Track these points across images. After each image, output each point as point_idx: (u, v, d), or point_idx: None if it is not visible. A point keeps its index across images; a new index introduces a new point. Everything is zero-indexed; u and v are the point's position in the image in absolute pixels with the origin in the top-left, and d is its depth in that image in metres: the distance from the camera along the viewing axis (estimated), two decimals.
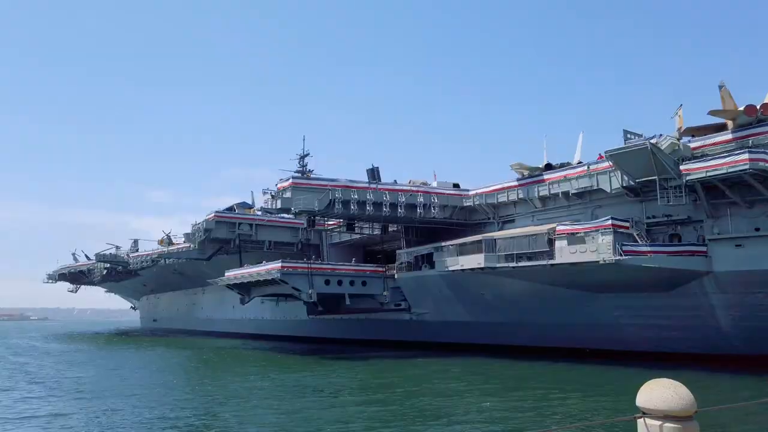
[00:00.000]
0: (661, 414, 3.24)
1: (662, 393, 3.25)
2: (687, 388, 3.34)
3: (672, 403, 3.20)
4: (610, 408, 17.91)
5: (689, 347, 28.85)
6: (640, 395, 3.40)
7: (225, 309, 63.05)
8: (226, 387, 23.37)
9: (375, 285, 39.30)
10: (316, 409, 17.79)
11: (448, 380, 24.70)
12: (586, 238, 28.92)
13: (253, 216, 48.35)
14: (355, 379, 25.63)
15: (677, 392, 3.23)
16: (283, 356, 38.95)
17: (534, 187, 34.39)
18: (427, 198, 37.09)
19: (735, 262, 26.15)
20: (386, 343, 42.67)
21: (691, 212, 27.88)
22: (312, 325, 48.78)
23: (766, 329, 26.20)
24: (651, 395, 3.29)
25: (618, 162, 28.18)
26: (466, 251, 34.33)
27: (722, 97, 26.64)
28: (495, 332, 35.70)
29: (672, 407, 3.19)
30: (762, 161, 23.42)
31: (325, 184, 36.29)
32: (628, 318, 30.01)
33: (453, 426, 15.08)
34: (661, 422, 3.23)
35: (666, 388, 3.27)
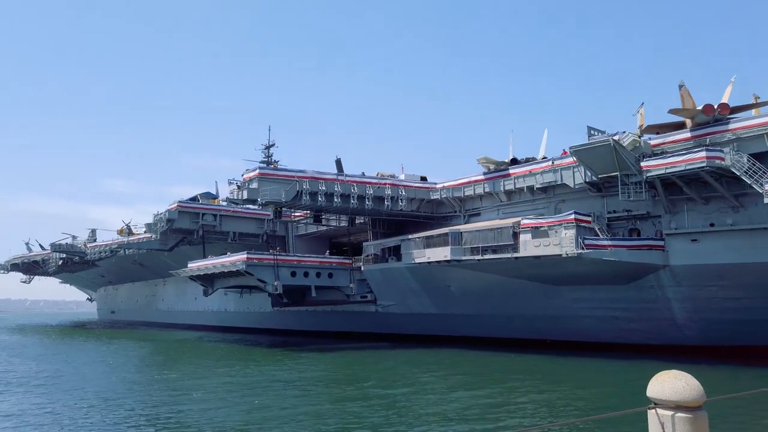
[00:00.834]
0: (672, 404, 3.33)
1: (674, 384, 3.34)
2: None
3: (684, 394, 3.29)
4: (574, 397, 18.38)
5: (646, 338, 29.87)
6: (652, 386, 3.47)
7: (187, 301, 61.95)
8: (190, 381, 22.94)
9: (341, 277, 39.26)
10: (288, 405, 17.45)
11: (418, 373, 24.84)
12: (549, 231, 29.53)
13: (217, 206, 47.55)
14: (325, 373, 25.52)
15: (688, 383, 3.33)
16: (248, 349, 38.56)
17: (500, 181, 34.88)
18: (394, 190, 37.20)
19: (690, 257, 27.14)
20: (352, 335, 42.75)
21: (650, 208, 28.75)
22: (276, 317, 48.43)
23: (718, 321, 27.33)
24: (663, 386, 3.37)
25: (581, 157, 28.81)
26: (433, 244, 34.61)
27: (682, 97, 27.51)
28: (460, 324, 36.19)
29: (684, 398, 3.29)
30: (718, 159, 24.31)
31: (292, 175, 35.95)
32: (587, 310, 30.84)
33: (425, 419, 15.17)
34: (673, 412, 3.32)
35: (677, 380, 3.37)
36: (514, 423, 14.32)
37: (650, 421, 3.46)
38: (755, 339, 26.94)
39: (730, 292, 26.44)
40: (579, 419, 11.25)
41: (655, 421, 3.38)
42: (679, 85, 27.72)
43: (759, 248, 25.28)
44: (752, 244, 25.53)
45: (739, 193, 25.48)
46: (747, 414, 14.19)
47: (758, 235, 25.34)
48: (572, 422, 9.77)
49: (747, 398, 13.38)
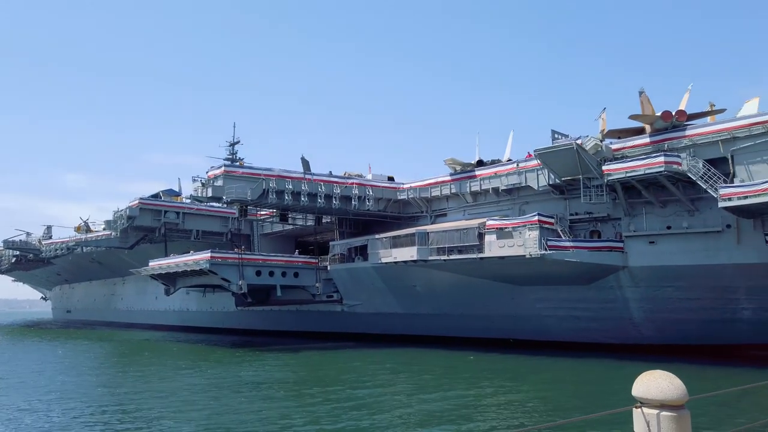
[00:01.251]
0: (657, 403, 3.43)
1: (659, 383, 3.44)
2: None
3: (668, 393, 3.40)
4: (543, 397, 18.74)
5: (605, 337, 30.69)
6: (637, 386, 3.55)
7: (147, 300, 60.54)
8: (151, 383, 22.41)
9: (307, 276, 39.02)
10: (254, 407, 17.08)
11: (387, 373, 24.84)
12: (514, 232, 30.03)
13: (180, 204, 46.65)
14: (291, 373, 25.25)
15: (672, 382, 3.44)
16: (212, 349, 37.94)
17: (466, 183, 35.28)
18: (362, 190, 37.21)
19: (648, 258, 28.01)
20: (317, 334, 42.57)
21: (610, 210, 29.53)
22: (240, 317, 47.80)
23: (674, 321, 28.31)
24: (648, 386, 3.47)
25: (545, 160, 29.40)
26: (400, 244, 34.77)
27: (642, 103, 28.38)
28: (425, 324, 36.45)
29: (668, 396, 3.39)
30: (675, 164, 25.17)
31: (258, 173, 35.56)
32: (549, 310, 31.50)
33: (397, 421, 15.14)
34: (658, 411, 3.41)
35: (662, 379, 3.47)
36: (488, 424, 14.49)
37: (635, 419, 3.53)
38: (709, 338, 28.02)
39: (685, 293, 27.42)
40: (565, 420, 11.46)
41: (640, 419, 3.46)
42: (640, 91, 28.59)
43: (712, 250, 26.29)
44: (706, 246, 26.53)
45: (695, 197, 26.44)
46: (724, 412, 14.68)
47: (712, 238, 26.35)
48: (557, 423, 9.95)
49: (723, 396, 13.90)
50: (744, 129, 24.98)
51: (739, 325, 27.12)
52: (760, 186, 22.74)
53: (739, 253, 25.73)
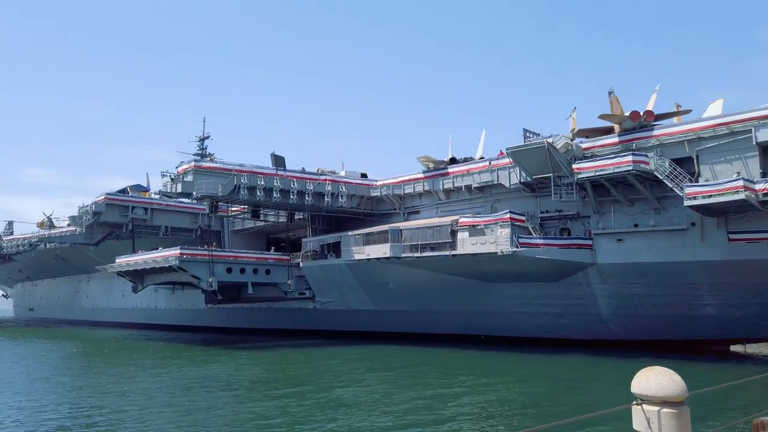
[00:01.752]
0: (658, 400, 3.41)
1: (659, 380, 3.42)
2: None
3: (669, 390, 3.37)
4: (522, 393, 18.93)
5: (574, 333, 31.25)
6: (637, 382, 3.52)
7: (114, 297, 59.19)
8: (119, 383, 21.86)
9: (279, 273, 38.67)
10: (227, 407, 16.77)
11: (362, 370, 24.72)
12: (486, 230, 30.31)
13: (149, 199, 45.70)
14: (264, 372, 24.95)
15: (672, 379, 3.41)
16: (182, 347, 37.30)
17: (439, 180, 35.44)
18: (335, 187, 37.04)
19: (616, 255, 28.61)
20: (289, 332, 42.24)
21: (580, 208, 30.04)
22: (210, 315, 47.12)
23: (640, 316, 28.98)
24: (648, 382, 3.44)
25: (517, 158, 29.72)
26: (373, 241, 34.75)
27: (611, 103, 28.92)
28: (397, 320, 36.53)
29: (669, 393, 3.37)
30: (643, 163, 25.73)
31: (229, 169, 35.07)
32: (520, 306, 31.90)
33: (376, 419, 15.08)
34: (659, 408, 3.39)
35: (662, 375, 3.44)
36: (471, 422, 14.54)
37: (635, 417, 3.50)
38: (673, 333, 28.79)
39: (651, 290, 28.09)
40: (562, 421, 11.60)
41: (640, 417, 3.43)
42: (609, 91, 29.13)
43: (677, 248, 26.99)
44: (671, 244, 27.24)
45: (661, 195, 27.09)
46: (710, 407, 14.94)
47: (677, 235, 27.05)
48: (553, 425, 9.99)
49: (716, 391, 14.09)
50: (709, 130, 25.69)
51: (702, 321, 27.93)
52: (723, 185, 23.42)
53: (703, 250, 26.49)
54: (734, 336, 28.56)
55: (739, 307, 26.88)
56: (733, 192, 22.99)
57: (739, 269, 25.72)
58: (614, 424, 12.70)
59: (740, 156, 24.73)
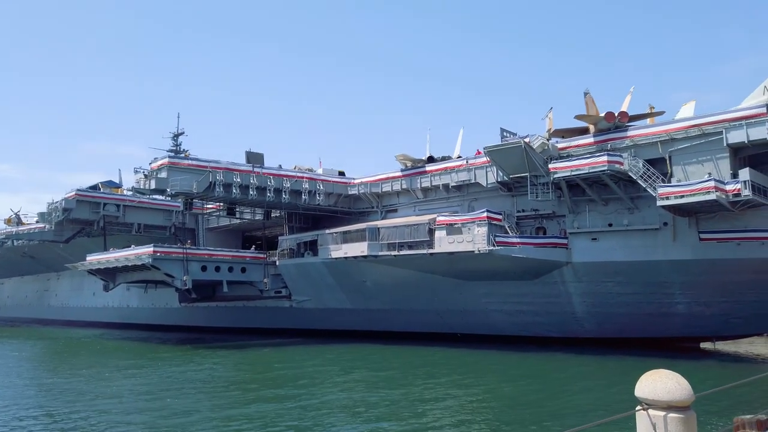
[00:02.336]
0: (664, 405, 3.26)
1: (665, 384, 3.27)
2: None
3: (675, 394, 3.23)
4: (507, 392, 18.98)
5: (549, 331, 31.57)
6: (642, 386, 3.36)
7: (84, 296, 57.82)
8: (90, 384, 21.32)
9: (255, 272, 38.25)
10: (203, 409, 16.40)
11: (343, 370, 24.57)
12: (463, 228, 30.42)
13: (121, 196, 44.75)
14: (240, 372, 24.61)
15: (679, 383, 3.27)
16: (155, 347, 36.67)
17: (417, 179, 35.44)
18: (312, 185, 36.75)
19: (590, 254, 28.96)
20: (265, 331, 41.81)
21: (555, 207, 30.33)
22: (184, 314, 46.37)
23: (613, 314, 29.41)
24: (654, 386, 3.28)
25: (494, 158, 29.86)
26: (350, 239, 34.59)
27: (586, 103, 29.25)
28: (375, 319, 36.44)
29: (676, 397, 3.23)
30: (618, 163, 26.09)
31: (204, 166, 34.51)
32: (496, 304, 32.10)
33: (353, 419, 14.96)
34: (665, 413, 3.25)
35: (668, 379, 3.30)
36: (454, 421, 14.50)
37: (639, 422, 3.35)
38: (645, 331, 29.28)
39: (624, 288, 28.52)
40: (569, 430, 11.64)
41: (645, 422, 3.28)
42: (585, 92, 29.45)
43: (650, 247, 27.45)
44: (644, 243, 27.68)
45: (635, 195, 27.50)
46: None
47: (650, 235, 27.51)
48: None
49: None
50: (681, 131, 26.16)
51: (673, 319, 28.47)
52: (695, 186, 23.89)
53: (675, 249, 26.99)
54: (704, 334, 29.19)
55: (709, 306, 27.46)
56: (704, 192, 23.47)
57: (710, 268, 26.28)
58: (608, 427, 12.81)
59: (711, 157, 25.24)
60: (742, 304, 27.04)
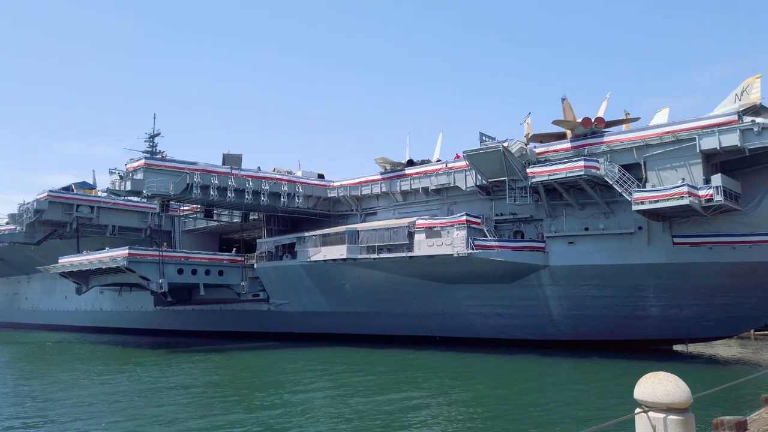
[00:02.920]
0: (664, 407, 3.28)
1: (665, 386, 3.29)
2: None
3: (675, 396, 3.26)
4: (498, 395, 19.01)
5: (526, 334, 31.87)
6: (641, 389, 3.36)
7: (56, 299, 56.59)
8: (63, 389, 20.78)
9: (233, 275, 37.86)
10: (182, 416, 15.98)
11: (328, 374, 24.33)
12: (442, 232, 30.57)
13: (95, 197, 43.97)
14: (217, 377, 24.19)
15: (678, 385, 3.30)
16: (129, 351, 36.05)
17: (396, 182, 35.50)
18: (291, 187, 36.52)
19: (567, 258, 29.34)
20: (242, 334, 41.42)
21: (533, 211, 30.67)
22: (159, 317, 45.67)
23: (588, 317, 29.83)
24: (654, 389, 3.30)
25: (474, 162, 30.08)
26: (329, 242, 34.48)
27: (564, 109, 29.68)
28: (354, 322, 36.36)
29: (675, 400, 3.25)
30: (594, 168, 26.50)
31: (182, 167, 34.06)
32: (475, 307, 32.29)
33: (333, 425, 14.83)
34: (665, 415, 3.27)
35: (668, 381, 3.31)
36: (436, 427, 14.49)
37: (639, 424, 3.35)
38: (619, 334, 29.75)
39: (599, 291, 28.96)
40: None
41: (645, 424, 3.29)
42: (562, 98, 29.91)
43: (626, 251, 27.92)
44: (620, 246, 28.14)
45: (611, 200, 27.96)
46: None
47: (625, 239, 27.98)
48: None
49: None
50: (656, 137, 26.68)
51: (647, 321, 28.99)
52: (669, 191, 24.40)
53: (649, 253, 27.50)
54: (677, 336, 29.78)
55: (682, 308, 28.04)
56: (678, 197, 23.98)
57: (682, 272, 26.84)
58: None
59: (685, 163, 25.79)
60: (713, 306, 27.67)
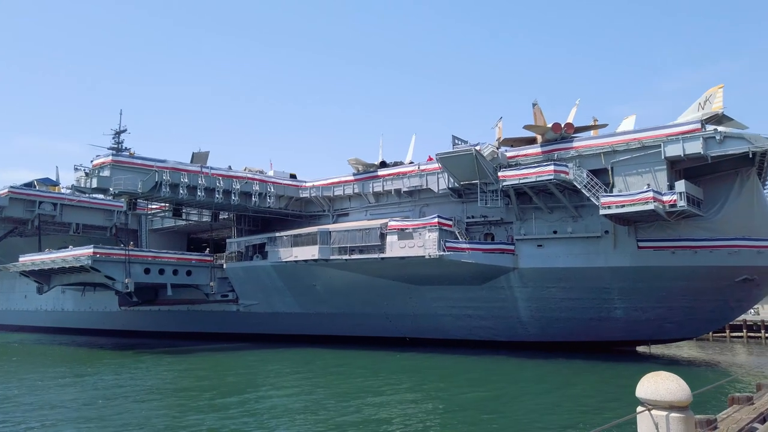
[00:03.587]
0: (666, 405, 3.41)
1: (667, 385, 3.42)
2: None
3: (678, 394, 3.39)
4: (480, 397, 19.13)
5: (495, 335, 32.27)
6: (644, 388, 3.48)
7: (14, 299, 54.75)
8: (22, 394, 20.02)
9: (201, 275, 37.28)
10: (148, 419, 15.62)
11: (288, 376, 24.13)
12: (414, 234, 30.75)
13: (58, 194, 42.77)
14: (185, 379, 23.68)
15: (679, 384, 3.44)
16: (93, 353, 35.07)
17: (369, 183, 35.55)
18: (263, 187, 36.20)
19: (536, 260, 29.85)
20: (210, 335, 40.81)
21: (503, 214, 31.13)
22: (124, 318, 44.66)
23: (555, 319, 30.39)
24: (656, 387, 3.42)
25: (446, 164, 30.36)
26: (301, 242, 34.29)
27: (534, 114, 30.21)
28: (324, 323, 36.22)
29: (678, 398, 3.38)
30: (563, 173, 27.05)
31: (150, 165, 33.41)
32: (445, 309, 32.56)
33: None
34: (667, 413, 3.39)
35: (669, 381, 3.45)
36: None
37: (641, 422, 3.47)
38: (585, 335, 30.39)
39: (567, 293, 29.53)
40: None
41: (647, 422, 3.40)
42: (533, 103, 30.43)
43: (593, 254, 28.58)
44: (587, 250, 28.79)
45: (579, 204, 28.58)
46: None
47: (592, 242, 28.64)
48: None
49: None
50: (623, 144, 27.43)
51: (612, 323, 29.69)
52: (635, 196, 25.10)
53: (615, 256, 28.20)
54: (640, 337, 30.59)
55: (645, 311, 28.82)
56: (643, 203, 24.69)
57: (646, 275, 27.61)
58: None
59: (650, 169, 26.57)
60: (675, 309, 28.53)
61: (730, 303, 28.57)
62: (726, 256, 26.69)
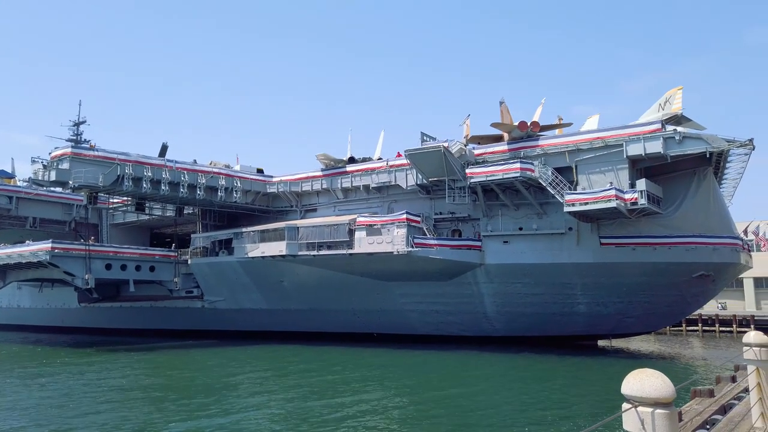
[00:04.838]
0: (651, 401, 3.51)
1: (652, 382, 3.53)
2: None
3: (662, 391, 3.49)
4: (399, 387, 19.25)
5: (461, 330, 32.64)
6: (629, 385, 3.59)
7: None
8: None
9: (165, 271, 36.58)
10: (110, 419, 15.32)
11: (255, 374, 23.89)
12: (382, 229, 30.80)
13: (14, 187, 41.18)
14: (148, 378, 23.19)
15: (664, 380, 3.54)
16: (51, 351, 33.97)
17: (337, 179, 35.41)
18: (229, 181, 35.64)
19: (502, 256, 30.28)
20: (174, 332, 40.01)
21: (470, 211, 31.45)
22: (84, 315, 43.46)
23: (520, 314, 30.92)
24: (642, 384, 3.54)
25: (415, 161, 30.49)
26: (268, 238, 33.93)
27: (502, 112, 30.57)
28: (291, 319, 35.98)
29: (662, 394, 3.48)
30: (529, 170, 27.51)
31: (112, 158, 32.51)
32: (413, 304, 32.75)
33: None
34: (652, 409, 3.50)
35: (654, 378, 3.55)
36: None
37: (627, 420, 3.58)
38: (549, 329, 31.03)
39: (531, 289, 30.08)
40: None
41: (633, 419, 3.51)
42: (500, 101, 30.78)
43: (557, 250, 29.15)
44: (551, 246, 29.35)
45: (544, 201, 29.11)
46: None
47: (556, 239, 29.21)
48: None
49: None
50: (587, 143, 28.04)
51: (575, 318, 30.39)
52: (598, 194, 25.72)
53: (578, 253, 28.84)
54: (602, 332, 31.40)
55: (606, 306, 29.59)
56: (606, 200, 25.31)
57: (608, 271, 28.34)
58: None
59: (613, 168, 27.25)
60: (634, 304, 29.37)
61: (687, 298, 29.58)
62: (683, 252, 27.59)
